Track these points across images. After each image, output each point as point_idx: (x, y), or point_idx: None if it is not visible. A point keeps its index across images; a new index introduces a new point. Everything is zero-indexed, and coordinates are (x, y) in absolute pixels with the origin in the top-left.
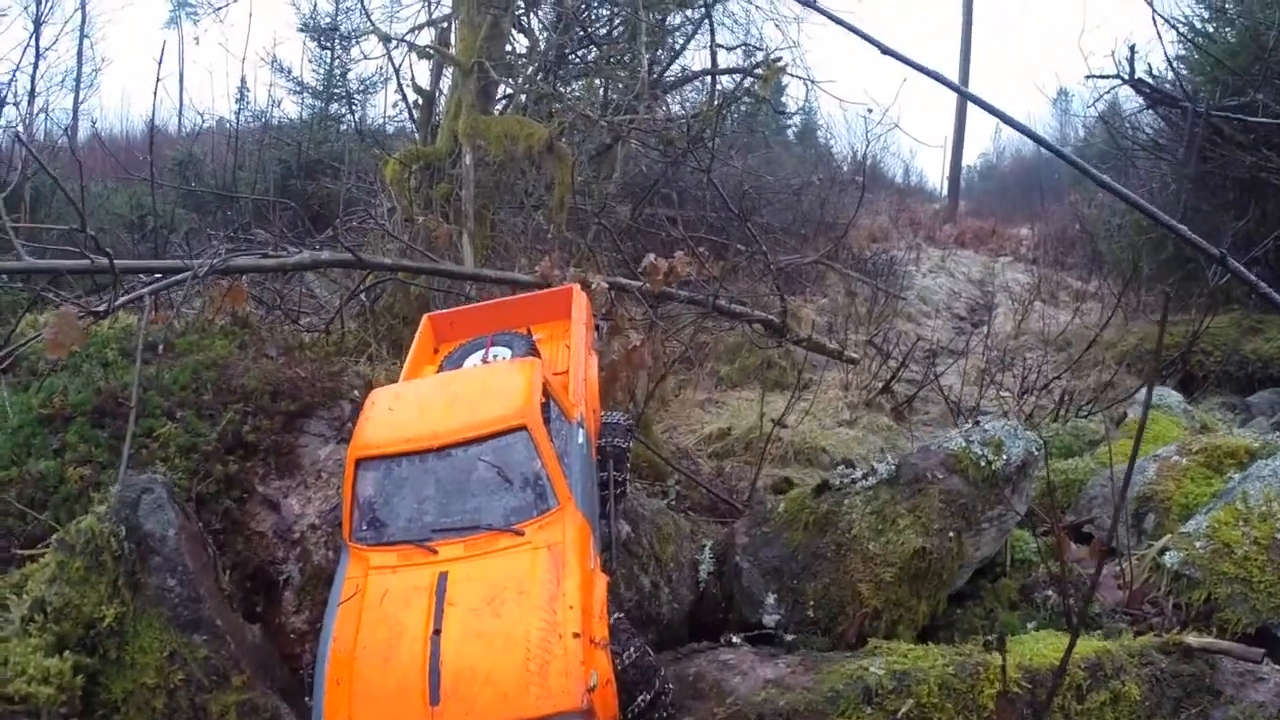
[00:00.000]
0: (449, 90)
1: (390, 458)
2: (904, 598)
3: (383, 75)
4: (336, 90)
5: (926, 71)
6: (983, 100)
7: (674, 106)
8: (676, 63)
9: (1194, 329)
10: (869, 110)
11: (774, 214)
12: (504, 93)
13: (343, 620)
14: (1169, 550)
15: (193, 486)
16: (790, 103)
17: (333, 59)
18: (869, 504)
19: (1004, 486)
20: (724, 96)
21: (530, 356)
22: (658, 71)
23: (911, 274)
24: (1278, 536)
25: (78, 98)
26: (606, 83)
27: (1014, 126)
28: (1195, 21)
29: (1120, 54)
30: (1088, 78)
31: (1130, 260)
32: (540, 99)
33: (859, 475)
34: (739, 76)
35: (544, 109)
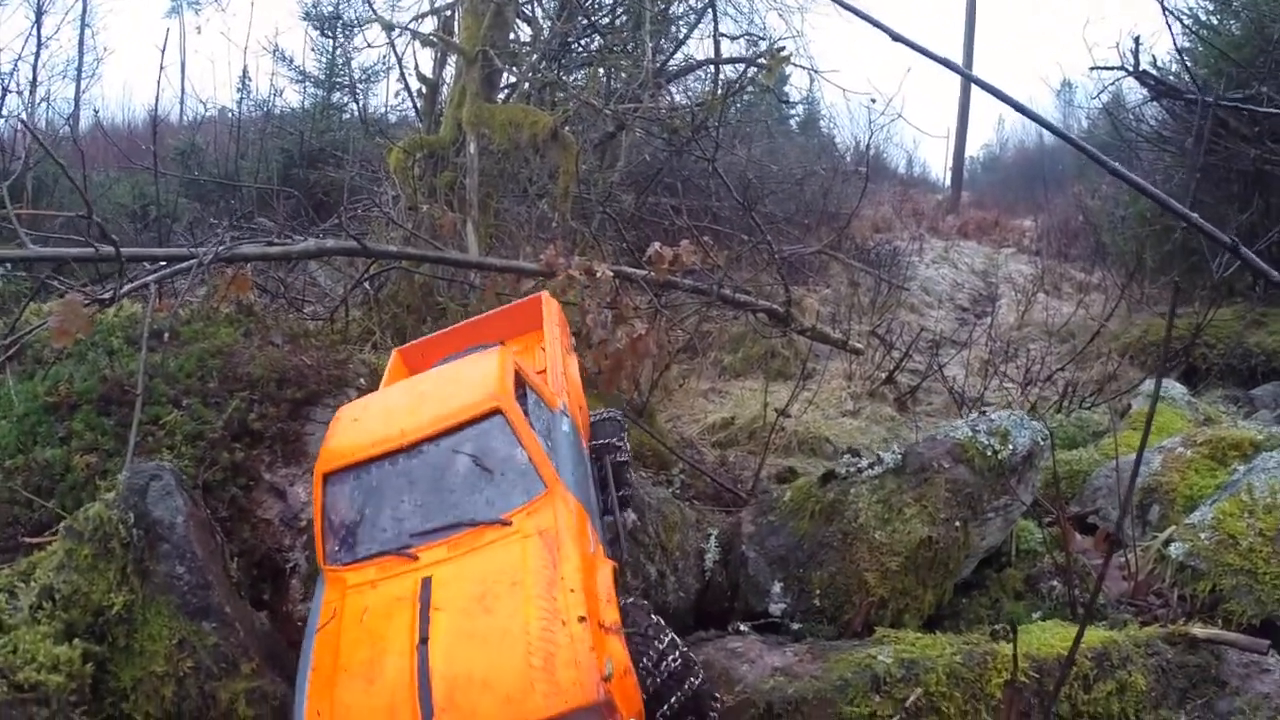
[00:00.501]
0: (453, 78)
1: (358, 466)
2: (910, 587)
3: (386, 64)
4: (339, 79)
5: (936, 58)
6: (989, 84)
7: (678, 96)
8: (680, 52)
9: (1198, 322)
10: (872, 100)
11: (777, 203)
12: (508, 81)
13: (321, 647)
14: (1174, 542)
15: (199, 474)
16: (794, 92)
17: (335, 48)
18: (875, 493)
19: (1010, 476)
20: (727, 86)
21: None
22: (661, 60)
23: (914, 264)
24: None
25: (79, 87)
26: (610, 71)
27: (1023, 112)
28: (1200, 14)
29: (1125, 46)
30: (1092, 69)
31: (1134, 252)
32: (544, 87)
33: (865, 464)
34: (742, 66)
35: (548, 97)
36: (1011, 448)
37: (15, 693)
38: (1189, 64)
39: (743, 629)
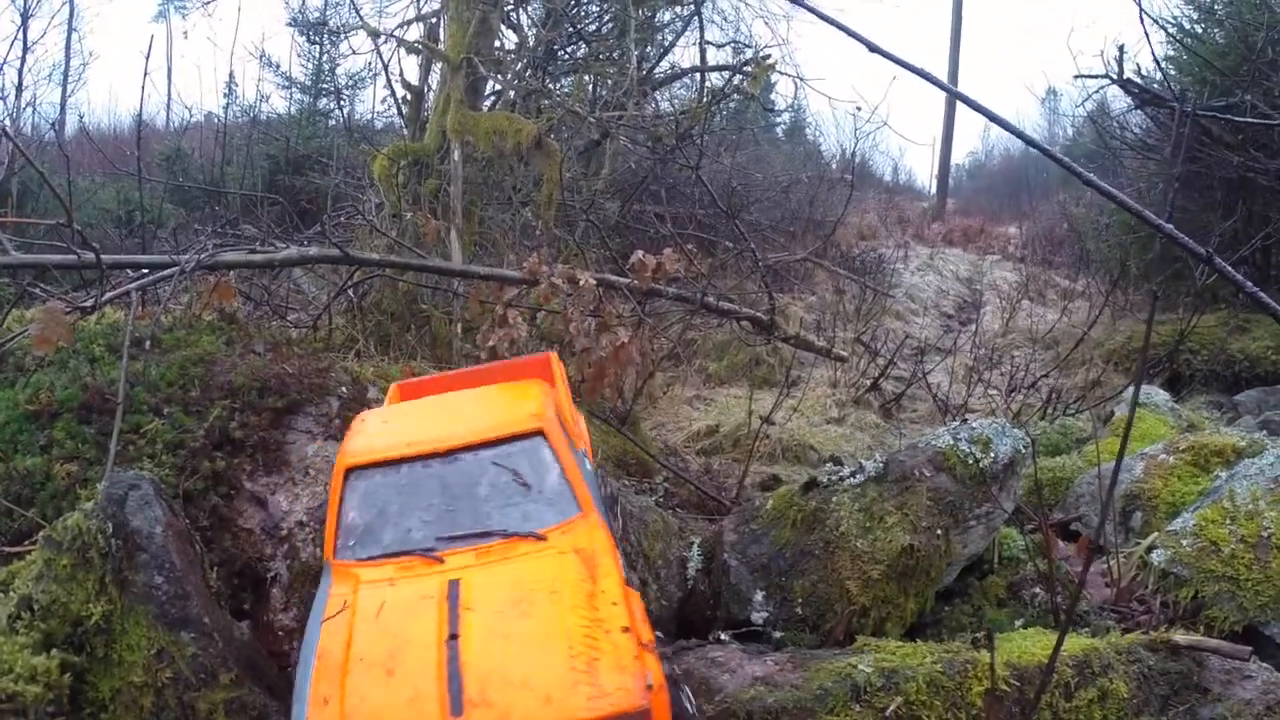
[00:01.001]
0: (437, 86)
1: (389, 464)
2: (892, 595)
3: (371, 71)
4: (325, 85)
5: (913, 69)
6: (968, 97)
7: (663, 104)
8: (666, 60)
9: (1181, 328)
10: (857, 108)
11: (762, 211)
12: (493, 88)
13: (329, 637)
14: (1156, 548)
15: (180, 483)
16: (779, 100)
17: (321, 54)
18: (857, 501)
19: (992, 484)
20: (713, 94)
21: None
22: (647, 68)
23: (899, 272)
24: (1264, 535)
25: (65, 92)
26: (596, 79)
27: (998, 123)
28: (1184, 22)
29: (1109, 54)
30: (1076, 77)
31: (1118, 259)
32: (529, 95)
33: (847, 473)
34: (728, 74)
35: (533, 105)
36: (993, 455)
37: None
38: (1173, 72)
39: (724, 638)
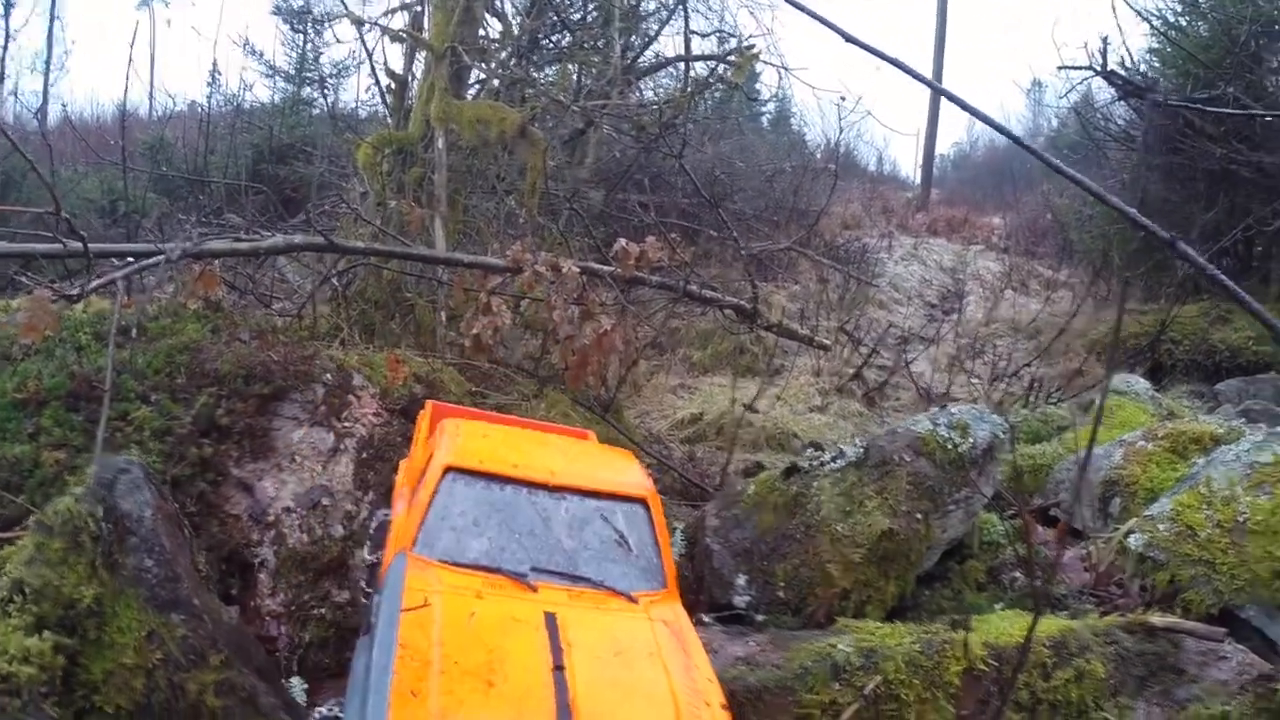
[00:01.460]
0: (422, 75)
1: (495, 478)
2: (872, 578)
3: (356, 59)
4: (309, 74)
5: (888, 58)
6: (940, 86)
7: (649, 93)
8: (650, 49)
9: (1163, 318)
10: (842, 98)
11: (747, 200)
12: (477, 77)
13: (410, 629)
14: (1134, 533)
15: (167, 469)
16: (764, 89)
17: (305, 42)
18: (837, 486)
19: (970, 469)
20: (695, 83)
21: None
22: (631, 57)
23: (883, 261)
24: (1240, 519)
25: (48, 81)
26: (580, 68)
27: (972, 112)
28: (1169, 15)
29: (1094, 45)
30: (1060, 69)
31: (1100, 250)
32: (513, 84)
33: (827, 458)
34: (713, 63)
35: (517, 94)
36: (972, 441)
37: None
38: (1158, 65)
39: (706, 620)
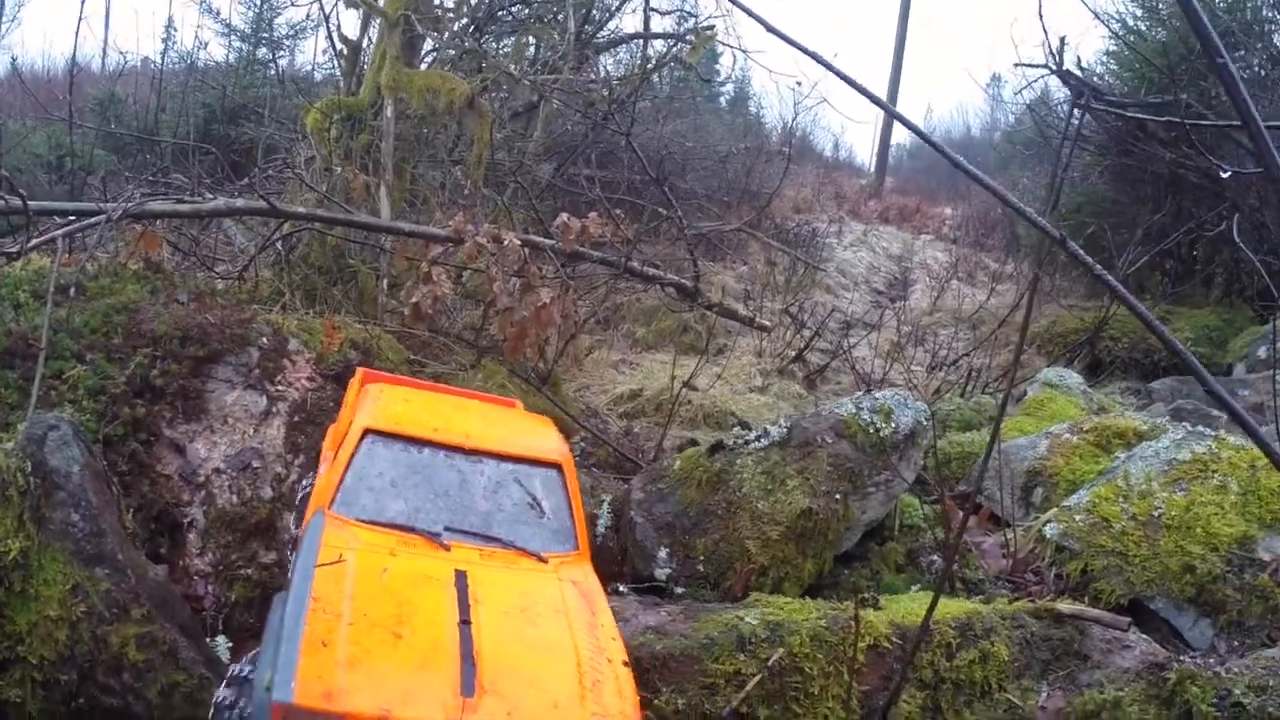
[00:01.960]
0: (375, 41)
1: (412, 440)
2: (790, 555)
3: (313, 21)
4: (264, 34)
5: (807, 51)
6: (860, 84)
7: (609, 68)
8: (611, 24)
9: (1102, 315)
10: (797, 83)
11: (699, 180)
12: (431, 46)
13: (324, 583)
14: (1051, 523)
15: (100, 428)
16: (723, 70)
17: (262, 2)
18: (760, 464)
19: (892, 453)
20: (647, 62)
21: None
22: (590, 32)
23: (833, 246)
24: (1155, 514)
25: None
26: (538, 41)
27: (879, 104)
28: (1128, 19)
29: (1053, 44)
30: (1016, 65)
31: (1046, 245)
32: (464, 55)
33: (753, 436)
34: (671, 42)
35: (470, 64)
36: (894, 425)
37: None
38: (1114, 67)
39: (622, 590)
